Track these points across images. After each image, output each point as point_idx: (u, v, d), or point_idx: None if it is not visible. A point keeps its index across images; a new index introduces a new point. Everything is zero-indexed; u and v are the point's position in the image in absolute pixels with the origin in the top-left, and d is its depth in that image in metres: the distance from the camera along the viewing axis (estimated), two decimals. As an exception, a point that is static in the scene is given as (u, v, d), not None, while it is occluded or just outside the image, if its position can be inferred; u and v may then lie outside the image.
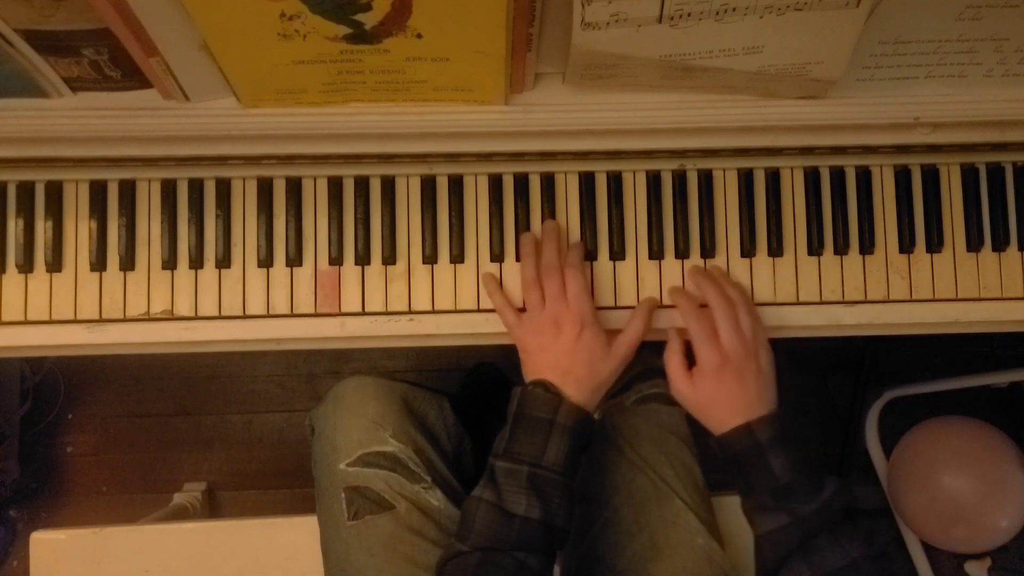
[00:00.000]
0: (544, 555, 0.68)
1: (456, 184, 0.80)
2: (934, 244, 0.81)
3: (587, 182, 0.80)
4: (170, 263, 0.78)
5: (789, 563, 0.67)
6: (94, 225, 0.78)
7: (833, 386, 1.62)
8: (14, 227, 0.78)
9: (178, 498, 1.48)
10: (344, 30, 0.62)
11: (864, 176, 0.81)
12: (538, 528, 0.67)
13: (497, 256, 0.80)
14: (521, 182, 0.80)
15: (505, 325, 0.77)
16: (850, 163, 0.81)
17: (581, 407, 0.71)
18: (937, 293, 0.80)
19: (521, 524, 0.67)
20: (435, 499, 0.79)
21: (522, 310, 0.77)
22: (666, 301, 0.80)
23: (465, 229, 0.80)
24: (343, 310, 0.79)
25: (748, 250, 0.80)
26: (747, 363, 0.72)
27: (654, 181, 0.80)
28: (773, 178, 0.81)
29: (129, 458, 1.57)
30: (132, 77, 0.69)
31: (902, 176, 0.81)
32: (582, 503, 0.83)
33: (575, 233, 0.80)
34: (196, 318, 0.78)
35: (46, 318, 0.77)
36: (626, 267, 0.80)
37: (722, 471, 0.73)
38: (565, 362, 0.72)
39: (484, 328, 0.79)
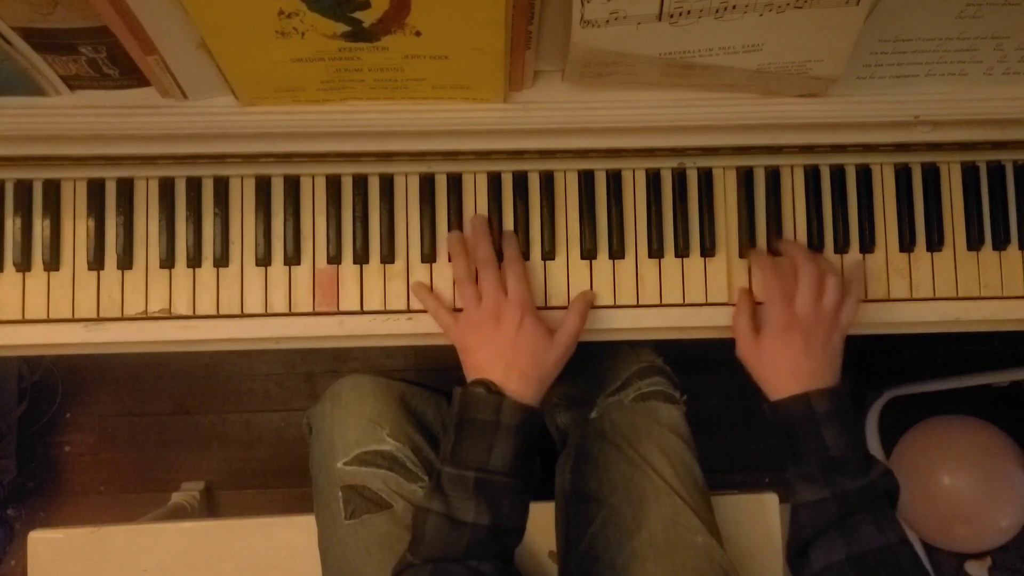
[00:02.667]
0: (498, 559, 0.67)
1: (455, 182, 0.79)
2: (935, 243, 0.80)
3: (586, 180, 0.80)
4: (168, 262, 0.78)
5: (825, 536, 0.67)
6: (92, 224, 0.77)
7: (833, 385, 1.61)
8: (11, 226, 0.77)
9: (176, 497, 1.48)
10: (342, 28, 0.62)
11: (864, 174, 0.81)
12: (489, 534, 0.66)
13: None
14: (520, 180, 0.80)
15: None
16: (850, 161, 0.81)
17: (525, 404, 0.69)
18: (938, 292, 0.80)
19: (472, 532, 0.65)
20: (433, 498, 0.78)
21: (458, 311, 0.76)
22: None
23: (464, 228, 0.79)
24: (341, 309, 0.78)
25: (748, 249, 0.80)
26: (816, 330, 0.71)
27: (654, 179, 0.80)
28: (773, 176, 0.80)
29: (127, 457, 1.57)
30: (130, 75, 0.69)
31: (902, 174, 0.81)
32: (581, 501, 0.82)
33: (575, 232, 0.80)
34: (194, 317, 0.78)
35: (44, 317, 0.77)
36: (625, 266, 0.80)
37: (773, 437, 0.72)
38: (508, 353, 0.70)
39: (483, 327, 0.79)
